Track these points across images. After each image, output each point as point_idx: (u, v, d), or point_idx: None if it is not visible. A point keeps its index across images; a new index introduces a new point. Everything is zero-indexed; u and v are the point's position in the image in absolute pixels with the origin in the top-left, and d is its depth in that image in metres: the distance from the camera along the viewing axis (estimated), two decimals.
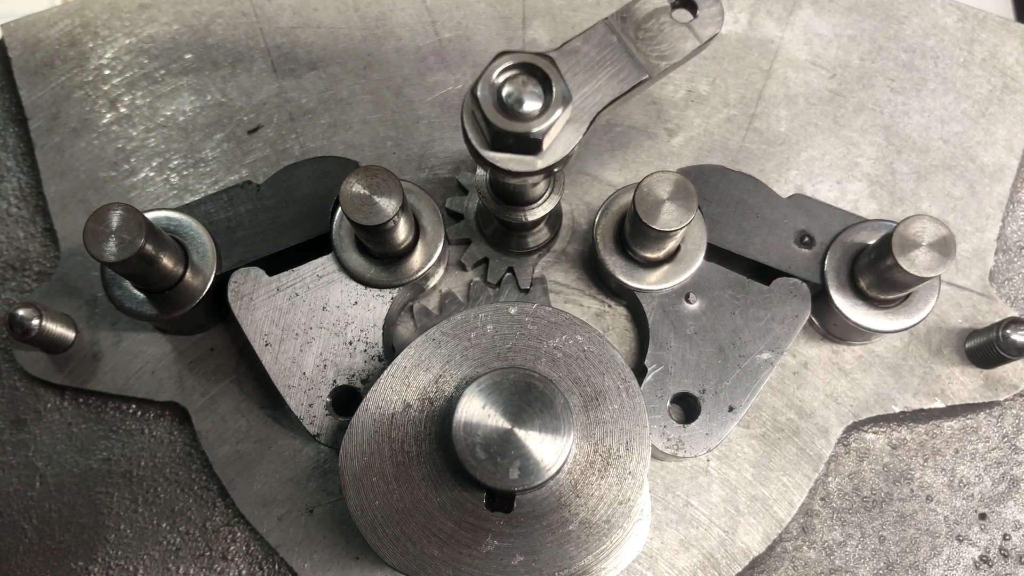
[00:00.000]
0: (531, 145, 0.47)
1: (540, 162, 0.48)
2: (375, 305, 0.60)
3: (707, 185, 0.62)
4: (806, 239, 0.61)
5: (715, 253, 0.61)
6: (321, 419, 0.58)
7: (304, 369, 0.58)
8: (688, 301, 0.61)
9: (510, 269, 0.64)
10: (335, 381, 0.58)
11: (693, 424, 0.58)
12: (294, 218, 0.61)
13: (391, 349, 0.62)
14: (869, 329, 0.60)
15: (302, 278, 0.60)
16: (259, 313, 0.59)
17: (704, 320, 0.60)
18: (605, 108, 0.50)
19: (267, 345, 0.59)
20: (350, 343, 0.59)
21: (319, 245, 0.61)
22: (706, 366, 0.59)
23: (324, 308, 0.59)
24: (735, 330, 0.60)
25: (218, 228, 0.60)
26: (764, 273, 0.61)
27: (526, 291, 0.64)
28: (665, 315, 0.60)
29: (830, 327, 0.63)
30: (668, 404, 0.59)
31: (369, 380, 0.58)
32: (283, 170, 0.62)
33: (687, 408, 0.60)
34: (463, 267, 0.64)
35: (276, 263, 0.61)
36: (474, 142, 0.48)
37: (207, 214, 0.60)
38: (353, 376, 0.58)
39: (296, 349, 0.59)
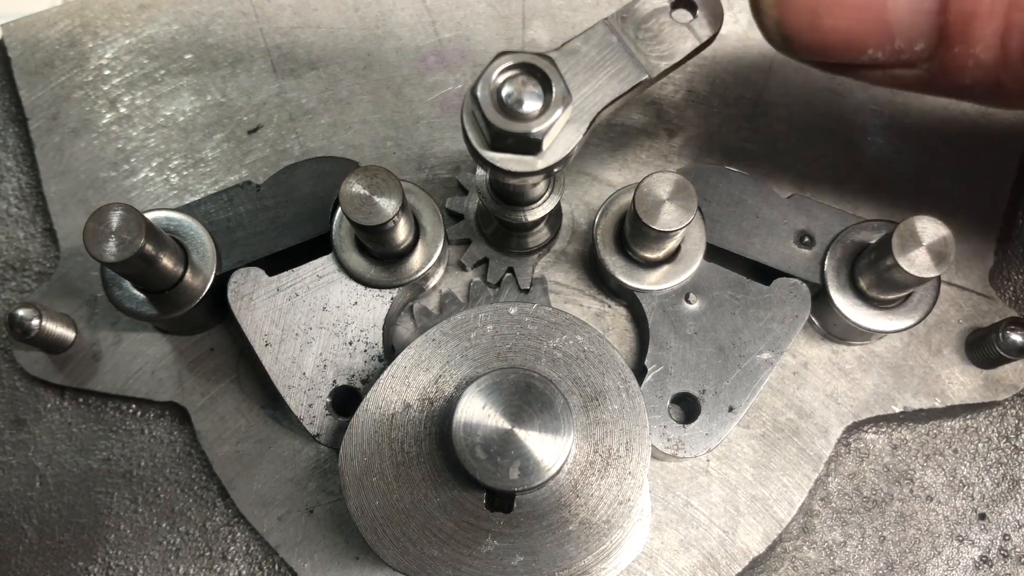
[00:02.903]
0: (531, 145, 0.47)
1: (540, 162, 0.48)
2: (375, 305, 0.60)
3: (707, 185, 0.62)
4: (806, 239, 0.61)
5: (715, 253, 0.61)
6: (321, 419, 0.58)
7: (304, 369, 0.58)
8: (688, 301, 0.61)
9: (510, 269, 0.64)
10: (335, 381, 0.58)
11: (693, 424, 0.58)
12: (294, 218, 0.61)
13: (391, 349, 0.62)
14: (869, 329, 0.60)
15: (302, 278, 0.60)
16: (259, 313, 0.59)
17: (704, 320, 0.60)
18: (605, 108, 0.50)
19: (267, 345, 0.59)
20: (350, 343, 0.59)
21: (319, 245, 0.61)
22: (706, 366, 0.59)
23: (324, 308, 0.59)
24: (735, 330, 0.60)
25: (218, 228, 0.60)
26: (764, 273, 0.61)
27: (526, 291, 0.64)
28: (665, 315, 0.60)
29: (830, 327, 0.63)
30: (668, 404, 0.59)
31: (369, 380, 0.58)
32: (283, 170, 0.62)
33: (687, 408, 0.60)
34: (463, 267, 0.64)
35: (276, 263, 0.61)
36: (474, 142, 0.48)
37: (207, 214, 0.60)
38: (353, 376, 0.58)
39: (296, 349, 0.59)
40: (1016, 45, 0.44)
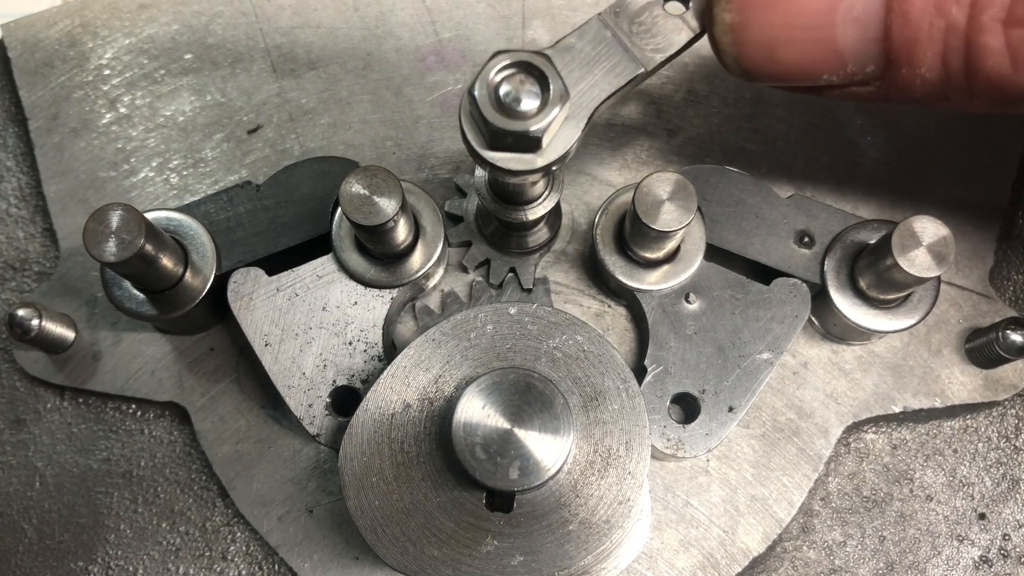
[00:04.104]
0: (531, 143, 0.47)
1: (540, 160, 0.48)
2: (375, 305, 0.60)
3: (707, 185, 0.62)
4: (806, 239, 0.61)
5: (715, 253, 0.61)
6: (321, 419, 0.58)
7: (304, 369, 0.58)
8: (688, 301, 0.61)
9: (512, 269, 0.64)
10: (335, 381, 0.58)
11: (693, 424, 0.58)
12: (294, 218, 0.61)
13: (391, 349, 0.62)
14: (869, 329, 0.60)
15: (302, 278, 0.60)
16: (259, 313, 0.59)
17: (704, 320, 0.60)
18: (603, 103, 0.50)
19: (267, 345, 0.59)
20: (350, 343, 0.59)
21: (319, 245, 0.61)
22: (706, 366, 0.59)
23: (324, 308, 0.59)
24: (735, 330, 0.60)
25: (218, 228, 0.60)
26: (764, 273, 0.61)
27: (529, 291, 0.64)
28: (665, 315, 0.60)
29: (830, 327, 0.63)
30: (668, 404, 0.59)
31: (369, 380, 0.58)
32: (283, 170, 0.62)
33: (687, 408, 0.60)
34: (465, 269, 0.64)
35: (276, 263, 0.61)
36: (473, 143, 0.48)
37: (207, 214, 0.60)
38: (353, 376, 0.58)
39: (296, 349, 0.59)
40: (956, 66, 0.48)
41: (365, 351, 0.59)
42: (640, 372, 0.60)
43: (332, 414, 0.58)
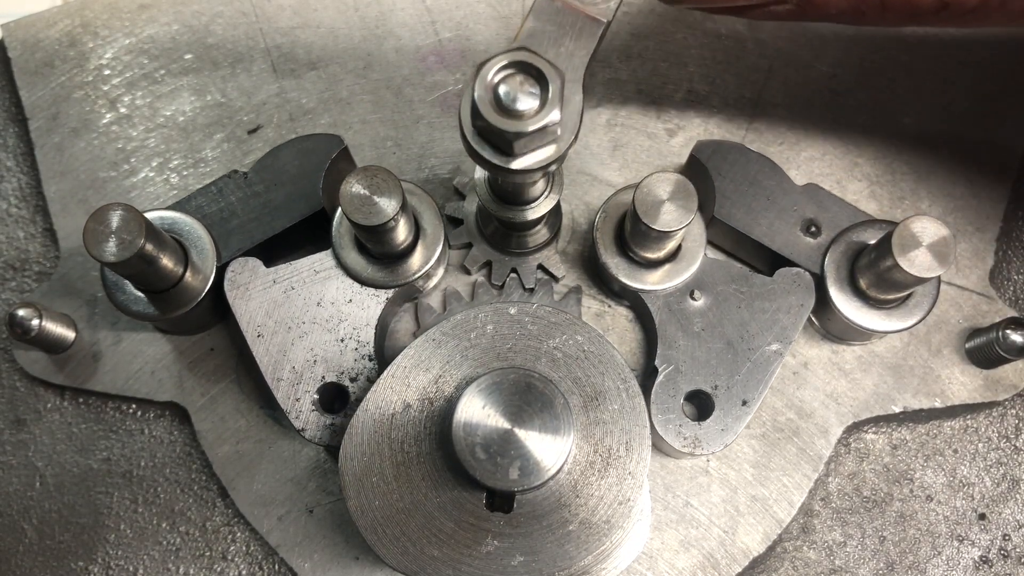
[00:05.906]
0: (547, 135, 0.47)
1: (557, 147, 0.48)
2: (369, 304, 0.60)
3: (724, 161, 0.62)
4: (812, 228, 0.61)
5: (717, 231, 0.61)
6: (307, 413, 0.58)
7: (294, 363, 0.58)
8: (693, 298, 0.60)
9: (542, 267, 0.64)
10: (323, 377, 0.58)
11: (708, 421, 0.58)
12: (286, 200, 0.61)
13: (382, 349, 0.62)
14: (869, 329, 0.60)
15: (299, 272, 0.60)
16: (254, 304, 0.59)
17: (710, 316, 0.60)
18: (587, 68, 0.50)
19: (259, 336, 0.59)
20: (341, 340, 0.59)
21: (315, 227, 0.61)
22: (716, 362, 0.59)
23: (319, 304, 0.59)
24: (742, 324, 0.60)
25: (212, 220, 0.60)
26: (765, 262, 0.61)
27: (558, 280, 0.64)
28: (671, 314, 0.60)
29: (826, 324, 0.63)
30: (682, 402, 0.58)
31: (357, 379, 0.58)
32: (268, 154, 0.61)
33: (701, 405, 0.60)
34: (467, 271, 0.64)
35: (274, 251, 0.61)
36: (492, 159, 0.47)
37: (199, 208, 0.60)
38: (342, 374, 0.58)
39: (288, 342, 0.58)
40: None
41: (356, 349, 0.59)
42: (650, 372, 0.60)
43: (318, 410, 0.58)
